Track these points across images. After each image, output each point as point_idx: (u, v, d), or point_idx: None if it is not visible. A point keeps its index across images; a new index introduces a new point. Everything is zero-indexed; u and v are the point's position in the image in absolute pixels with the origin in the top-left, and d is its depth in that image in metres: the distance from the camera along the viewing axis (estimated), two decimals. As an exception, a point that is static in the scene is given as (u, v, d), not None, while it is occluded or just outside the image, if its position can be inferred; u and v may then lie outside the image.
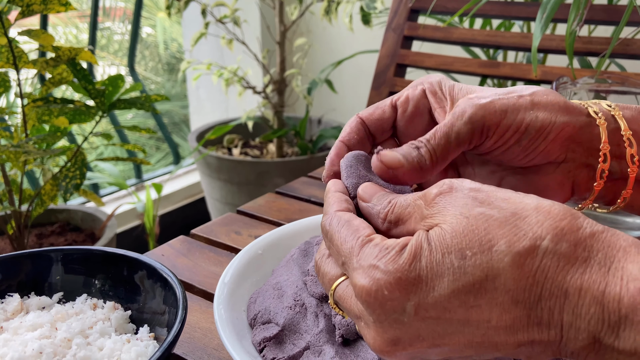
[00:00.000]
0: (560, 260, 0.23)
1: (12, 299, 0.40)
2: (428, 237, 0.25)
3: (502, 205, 0.25)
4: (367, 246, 0.27)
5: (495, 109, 0.31)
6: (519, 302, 0.24)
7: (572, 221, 0.24)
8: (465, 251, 0.24)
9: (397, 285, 0.25)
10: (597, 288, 0.23)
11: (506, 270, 0.24)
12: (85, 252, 0.42)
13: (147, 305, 0.40)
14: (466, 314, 0.24)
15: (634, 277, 0.22)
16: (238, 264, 0.45)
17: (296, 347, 0.38)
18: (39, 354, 0.33)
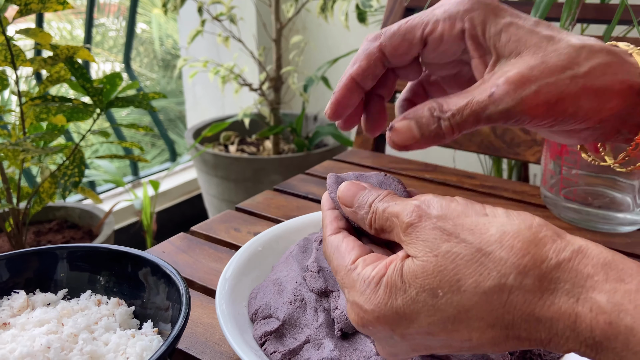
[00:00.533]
0: (527, 294, 0.24)
1: (18, 296, 0.41)
2: (402, 272, 0.27)
3: (468, 238, 0.26)
4: (351, 275, 0.29)
5: (537, 101, 0.28)
6: (494, 326, 0.25)
7: (535, 254, 0.24)
8: (436, 290, 0.25)
9: (378, 322, 0.27)
10: (568, 318, 0.24)
11: (477, 306, 0.25)
12: (90, 250, 0.43)
13: (151, 301, 0.42)
14: (448, 336, 0.26)
15: (602, 309, 0.23)
16: (238, 260, 0.46)
17: (296, 341, 0.39)
18: (47, 348, 0.34)
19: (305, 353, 0.38)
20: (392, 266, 0.27)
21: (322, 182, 0.78)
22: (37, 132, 1.10)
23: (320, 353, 0.37)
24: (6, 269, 0.41)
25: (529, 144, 0.82)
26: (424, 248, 0.26)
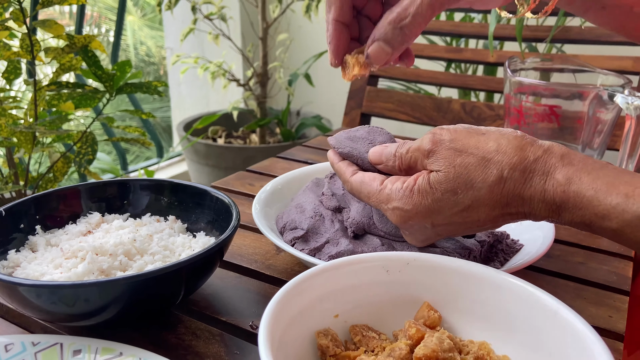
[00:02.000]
0: (516, 182, 0.37)
1: (94, 215, 0.51)
2: (430, 180, 0.39)
3: (474, 152, 0.38)
4: (384, 192, 0.41)
5: None
6: (495, 208, 0.38)
7: (520, 155, 0.37)
8: (456, 190, 0.38)
9: (416, 216, 0.39)
10: (540, 194, 0.36)
11: (484, 196, 0.37)
12: (151, 182, 0.54)
13: (200, 218, 0.52)
14: (464, 220, 0.39)
15: (560, 183, 0.36)
16: (265, 192, 0.58)
17: (318, 242, 0.50)
18: (134, 240, 0.45)
19: (326, 249, 0.49)
20: (421, 178, 0.39)
21: (317, 151, 0.90)
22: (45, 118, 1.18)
23: (339, 248, 0.49)
24: (86, 196, 0.52)
25: (494, 118, 0.96)
26: (444, 162, 0.38)
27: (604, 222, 0.34)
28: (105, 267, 0.42)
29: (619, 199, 0.33)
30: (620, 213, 0.33)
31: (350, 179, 0.43)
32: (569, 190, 0.35)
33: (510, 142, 0.37)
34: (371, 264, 0.40)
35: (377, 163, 0.44)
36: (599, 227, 0.35)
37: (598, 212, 0.34)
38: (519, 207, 0.37)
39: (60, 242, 0.47)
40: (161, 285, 0.39)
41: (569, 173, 0.36)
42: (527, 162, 0.37)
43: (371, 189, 0.41)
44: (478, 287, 0.38)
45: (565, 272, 0.53)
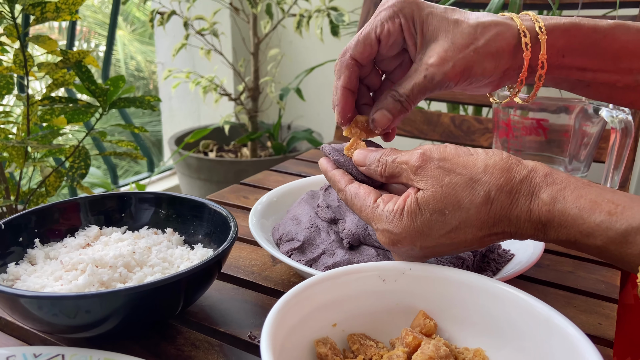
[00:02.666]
0: (502, 203, 0.38)
1: (92, 228, 0.52)
2: (418, 201, 0.39)
3: (462, 172, 0.38)
4: (376, 211, 0.41)
5: (456, 72, 0.42)
6: (482, 229, 0.39)
7: (507, 176, 0.38)
8: (444, 210, 0.39)
9: (405, 240, 0.40)
10: (526, 213, 0.37)
11: (472, 216, 0.38)
12: (148, 195, 0.54)
13: (198, 230, 0.53)
14: (452, 241, 0.40)
15: (544, 202, 0.37)
16: (261, 203, 0.59)
17: (315, 253, 0.51)
18: (133, 252, 0.45)
19: (322, 260, 0.50)
20: (409, 199, 0.40)
21: (310, 164, 0.91)
22: (34, 133, 1.18)
23: (335, 258, 0.50)
24: (87, 208, 0.52)
25: (482, 132, 0.98)
26: (432, 182, 0.39)
27: (589, 239, 0.35)
28: (105, 279, 0.42)
29: (603, 216, 0.34)
30: (604, 230, 0.34)
31: (345, 189, 0.44)
32: (553, 209, 0.36)
33: (497, 163, 0.38)
34: (368, 274, 0.41)
35: (360, 165, 0.44)
36: (584, 244, 0.36)
37: (583, 230, 0.35)
38: (505, 227, 0.38)
39: (59, 255, 0.47)
40: (161, 296, 0.40)
41: (553, 192, 0.37)
42: (513, 183, 0.38)
43: (364, 204, 0.42)
44: (472, 295, 0.39)
45: (555, 281, 0.54)
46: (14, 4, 0.96)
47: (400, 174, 0.41)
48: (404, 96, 0.45)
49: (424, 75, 0.43)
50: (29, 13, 0.98)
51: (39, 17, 0.97)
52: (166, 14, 1.51)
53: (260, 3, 1.59)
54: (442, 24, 0.42)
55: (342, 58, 0.44)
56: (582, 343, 0.32)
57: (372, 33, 0.43)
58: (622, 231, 0.34)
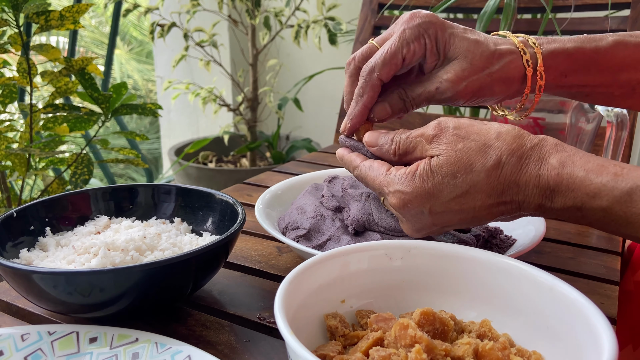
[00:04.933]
0: (513, 167, 0.39)
1: (102, 218, 0.53)
2: (431, 165, 0.41)
3: (476, 138, 0.40)
4: (388, 177, 0.43)
5: (467, 92, 0.46)
6: (491, 195, 0.40)
7: (519, 142, 0.39)
8: (456, 174, 0.40)
9: (415, 199, 0.41)
10: (535, 179, 0.38)
11: (482, 180, 0.39)
12: (157, 186, 0.55)
13: (206, 220, 0.54)
14: (460, 207, 0.41)
15: (553, 167, 0.38)
16: (266, 197, 0.60)
17: (321, 240, 0.52)
18: (143, 237, 0.46)
19: (328, 246, 0.51)
20: (423, 163, 0.41)
21: (312, 165, 0.92)
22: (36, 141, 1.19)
23: (340, 244, 0.51)
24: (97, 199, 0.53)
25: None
26: (446, 147, 0.40)
27: (595, 201, 0.36)
28: (117, 262, 0.43)
29: (609, 177, 0.36)
30: (610, 190, 0.35)
31: (360, 165, 0.45)
32: (562, 172, 0.37)
33: (510, 131, 0.40)
34: (374, 252, 0.42)
35: (372, 145, 0.45)
36: (589, 207, 0.37)
37: (589, 191, 0.36)
38: (514, 194, 0.39)
39: (70, 242, 0.48)
40: (173, 274, 0.41)
41: (562, 157, 0.38)
42: (524, 149, 0.39)
43: (377, 173, 0.43)
44: (477, 270, 0.40)
45: (557, 266, 0.55)
46: (19, 12, 0.97)
47: (415, 147, 0.42)
48: (409, 97, 0.47)
49: (437, 87, 0.46)
50: (33, 21, 0.99)
51: (44, 25, 0.99)
52: (166, 26, 1.54)
53: (258, 15, 1.62)
54: (463, 44, 0.45)
55: (369, 77, 0.45)
56: (587, 307, 0.33)
57: (399, 54, 0.45)
58: (628, 189, 0.35)
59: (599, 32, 0.93)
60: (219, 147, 1.93)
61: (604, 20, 0.91)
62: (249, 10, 1.60)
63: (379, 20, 1.10)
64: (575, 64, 0.47)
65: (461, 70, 0.45)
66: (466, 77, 0.45)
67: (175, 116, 2.26)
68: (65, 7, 1.00)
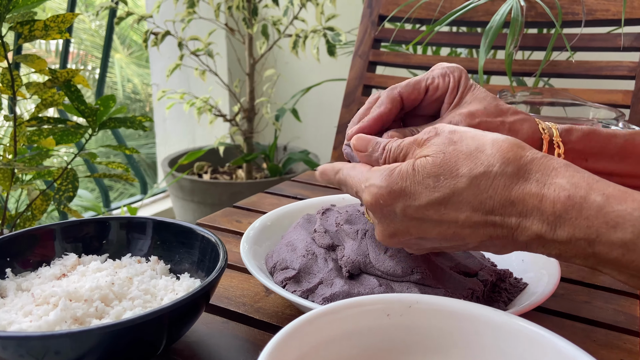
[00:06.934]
0: (507, 179, 0.33)
1: (70, 256, 0.48)
2: (414, 164, 0.36)
3: (469, 142, 0.35)
4: (368, 173, 0.38)
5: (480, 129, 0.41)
6: (477, 210, 0.34)
7: (517, 152, 0.34)
8: (439, 176, 0.35)
9: (388, 195, 0.36)
10: (536, 198, 0.32)
11: (467, 189, 0.34)
12: (131, 220, 0.50)
13: (185, 259, 0.49)
14: (440, 217, 0.35)
15: (563, 187, 0.32)
16: (254, 229, 0.55)
17: (311, 283, 0.47)
18: (112, 284, 0.41)
19: (320, 290, 0.46)
20: (407, 161, 0.36)
21: (306, 186, 0.87)
22: (21, 154, 1.14)
23: (333, 289, 0.46)
24: (61, 235, 0.48)
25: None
26: (436, 149, 0.36)
27: (615, 232, 0.30)
28: (79, 315, 0.38)
29: (635, 204, 0.30)
30: (637, 219, 0.30)
31: (343, 167, 0.41)
32: (575, 194, 0.31)
33: (508, 139, 0.35)
34: (371, 307, 0.37)
35: (360, 150, 0.41)
36: (606, 241, 0.31)
37: (609, 219, 0.30)
38: (506, 215, 0.33)
39: (32, 287, 0.43)
40: (141, 334, 0.36)
41: (574, 178, 0.32)
42: (523, 161, 0.34)
43: (358, 173, 0.39)
44: (487, 332, 0.35)
45: (571, 312, 0.51)
46: (2, 22, 0.93)
47: (405, 155, 0.38)
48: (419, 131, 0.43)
49: (449, 121, 0.43)
50: (17, 31, 0.95)
51: (27, 36, 0.94)
52: (160, 34, 1.49)
53: (256, 24, 1.58)
54: (481, 93, 0.44)
55: (390, 92, 0.44)
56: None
57: (423, 82, 0.45)
58: None
59: (611, 50, 0.89)
60: (214, 157, 1.88)
61: (617, 37, 0.86)
62: (245, 19, 1.56)
63: (380, 33, 1.05)
64: (594, 145, 0.43)
65: (475, 109, 0.43)
66: (479, 115, 0.43)
67: (171, 125, 2.21)
68: (51, 17, 0.95)
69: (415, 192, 0.35)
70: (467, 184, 0.34)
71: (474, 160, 0.34)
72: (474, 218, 0.34)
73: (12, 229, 1.11)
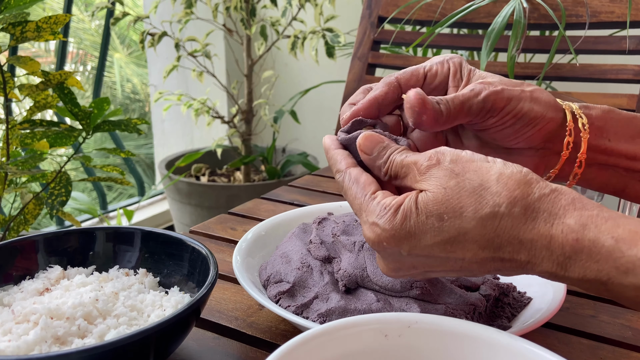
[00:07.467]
0: (514, 220, 0.32)
1: (54, 269, 0.46)
2: (417, 201, 0.34)
3: (472, 177, 0.33)
4: (371, 203, 0.35)
5: (503, 95, 0.39)
6: (485, 248, 0.33)
7: (524, 190, 0.32)
8: (443, 215, 0.33)
9: (392, 240, 0.34)
10: (545, 239, 0.31)
11: (473, 230, 0.32)
12: (119, 230, 0.48)
13: (175, 271, 0.47)
14: (446, 255, 0.34)
15: (572, 229, 0.30)
16: (246, 241, 0.53)
17: (306, 298, 0.45)
18: (95, 300, 0.39)
19: (315, 306, 0.44)
20: (409, 198, 0.34)
21: (304, 191, 0.85)
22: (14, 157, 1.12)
23: (329, 304, 0.44)
24: (43, 246, 0.46)
25: (487, 157, 0.93)
26: (436, 183, 0.34)
27: (627, 277, 0.29)
28: (60, 334, 0.36)
29: None
30: None
31: (346, 171, 0.38)
32: (583, 238, 0.30)
33: (514, 174, 0.33)
34: (367, 328, 0.35)
35: (365, 152, 0.38)
36: (618, 283, 0.30)
37: (620, 265, 0.29)
38: (515, 253, 0.32)
39: (14, 302, 0.41)
40: (125, 355, 0.34)
41: (583, 218, 0.31)
42: (530, 199, 0.32)
43: (361, 192, 0.36)
44: (490, 354, 0.33)
45: (577, 327, 0.49)
46: (-7, 23, 0.91)
47: (406, 175, 0.36)
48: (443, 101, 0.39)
49: (471, 89, 0.39)
50: (8, 32, 0.93)
51: (19, 37, 0.92)
52: (157, 35, 1.47)
53: (254, 24, 1.56)
54: (485, 74, 0.42)
55: (387, 78, 0.42)
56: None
57: (421, 69, 0.43)
58: None
59: (616, 53, 0.87)
60: (212, 159, 1.86)
61: (621, 40, 0.84)
62: (244, 20, 1.54)
63: (379, 34, 1.03)
64: (614, 123, 0.41)
65: (492, 79, 0.40)
66: (498, 84, 0.40)
67: (169, 125, 2.19)
68: (43, 18, 0.93)
69: (420, 232, 0.33)
70: (473, 225, 0.32)
71: (478, 199, 0.32)
72: (482, 255, 0.33)
73: (6, 232, 1.09)
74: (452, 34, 1.11)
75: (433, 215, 0.33)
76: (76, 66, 3.41)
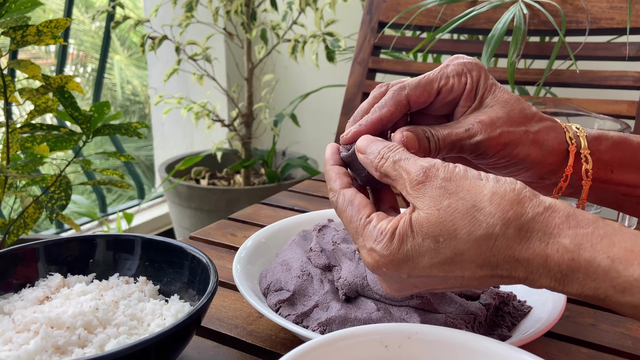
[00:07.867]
0: (509, 241, 0.32)
1: (55, 277, 0.46)
2: (411, 222, 0.34)
3: (466, 196, 0.33)
4: (367, 228, 0.35)
5: (500, 141, 0.39)
6: (483, 267, 0.33)
7: (517, 210, 0.32)
8: (438, 237, 0.33)
9: (391, 265, 0.34)
10: (541, 258, 0.31)
11: (469, 250, 0.32)
12: (119, 238, 0.48)
13: (175, 279, 0.47)
14: (445, 274, 0.34)
15: (567, 249, 0.31)
16: (246, 249, 0.53)
17: (306, 306, 0.45)
18: (96, 309, 0.39)
19: (315, 314, 0.44)
20: (403, 220, 0.34)
21: (304, 196, 0.85)
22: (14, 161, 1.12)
23: (329, 313, 0.44)
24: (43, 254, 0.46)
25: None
26: (429, 203, 0.33)
27: (624, 296, 0.29)
28: (61, 343, 0.36)
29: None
30: None
31: (340, 192, 0.38)
32: (579, 257, 0.30)
33: (507, 194, 0.32)
34: (367, 338, 0.35)
35: (361, 151, 0.38)
36: (615, 301, 0.30)
37: (617, 284, 0.29)
38: (512, 270, 0.32)
39: (14, 310, 0.41)
40: (124, 366, 0.34)
41: (578, 237, 0.31)
42: (524, 219, 0.32)
43: (356, 215, 0.36)
44: (490, 366, 0.33)
45: (577, 335, 0.49)
46: (-6, 27, 0.91)
47: (396, 179, 0.35)
48: (435, 137, 0.39)
49: (467, 129, 0.39)
50: (9, 36, 0.93)
51: (19, 41, 0.92)
52: (157, 38, 1.47)
53: (254, 28, 1.56)
54: (503, 95, 0.40)
55: (397, 92, 0.40)
56: None
57: (436, 82, 0.40)
58: None
59: (616, 60, 0.87)
60: (212, 162, 1.86)
61: (622, 46, 0.84)
62: (244, 24, 1.54)
63: (380, 39, 1.03)
64: (622, 155, 0.40)
65: (496, 117, 0.39)
66: (501, 125, 0.39)
67: (169, 128, 2.19)
68: (44, 22, 0.93)
69: (417, 255, 0.33)
70: (469, 246, 0.32)
71: (471, 221, 0.32)
72: (480, 273, 0.33)
73: (6, 235, 1.09)
74: (453, 39, 1.12)
75: (429, 237, 0.33)
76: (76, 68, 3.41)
